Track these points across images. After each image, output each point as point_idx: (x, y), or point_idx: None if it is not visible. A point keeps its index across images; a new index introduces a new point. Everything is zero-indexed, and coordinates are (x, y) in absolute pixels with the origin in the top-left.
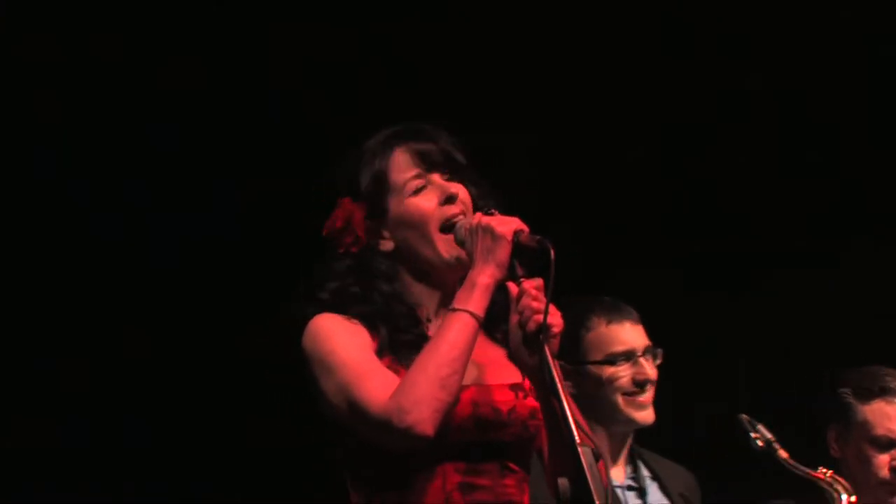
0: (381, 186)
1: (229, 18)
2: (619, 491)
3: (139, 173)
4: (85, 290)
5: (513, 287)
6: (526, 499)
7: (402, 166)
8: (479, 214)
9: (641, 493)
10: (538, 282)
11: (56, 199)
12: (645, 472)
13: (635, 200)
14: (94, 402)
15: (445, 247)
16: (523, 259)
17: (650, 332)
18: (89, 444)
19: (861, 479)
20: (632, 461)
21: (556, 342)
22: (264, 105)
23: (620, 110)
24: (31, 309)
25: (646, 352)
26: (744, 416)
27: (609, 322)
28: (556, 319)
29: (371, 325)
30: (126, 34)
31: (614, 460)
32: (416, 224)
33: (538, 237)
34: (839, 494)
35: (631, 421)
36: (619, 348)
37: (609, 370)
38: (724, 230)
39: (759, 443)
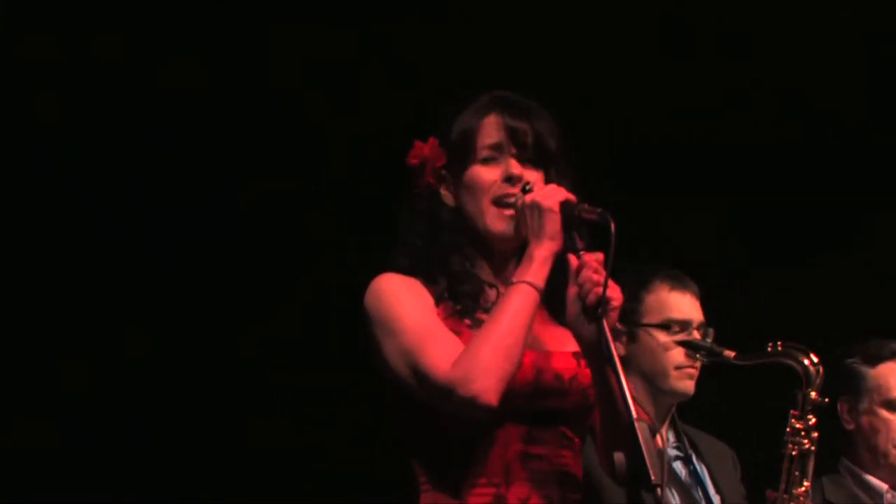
0: (465, 145)
1: (229, 18)
2: (667, 455)
3: (139, 173)
4: (85, 289)
5: (573, 259)
6: (580, 471)
7: (488, 133)
8: (520, 195)
9: (686, 460)
10: (598, 255)
11: (56, 198)
12: (686, 442)
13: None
14: (94, 402)
15: (493, 219)
16: (583, 231)
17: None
18: (89, 444)
19: (879, 447)
20: (675, 431)
21: (614, 315)
22: (264, 105)
23: (621, 110)
24: (31, 309)
25: (700, 327)
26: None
27: (672, 289)
28: (615, 293)
29: (430, 278)
30: (126, 34)
31: (661, 424)
32: (473, 190)
33: (599, 210)
34: (799, 360)
35: (675, 391)
36: (677, 316)
37: (663, 337)
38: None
39: (703, 358)
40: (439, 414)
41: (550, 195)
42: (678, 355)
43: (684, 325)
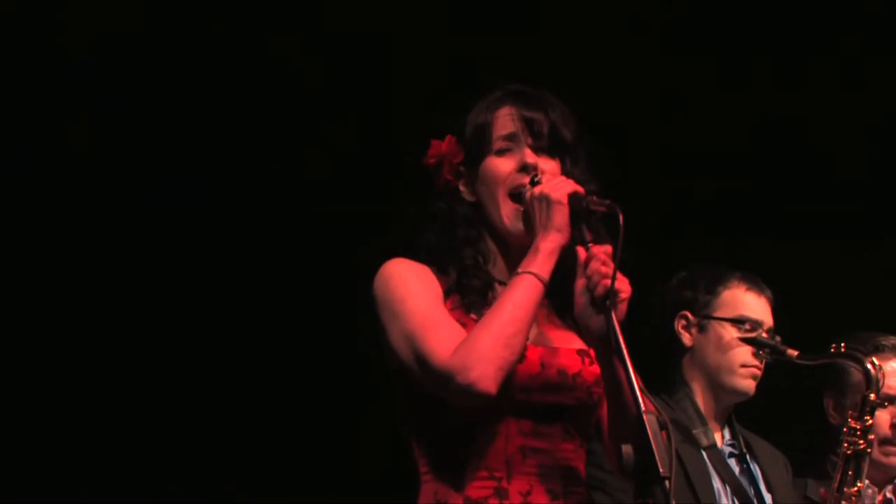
0: (480, 139)
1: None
2: (722, 454)
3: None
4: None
5: (581, 251)
6: (582, 465)
7: (502, 124)
8: (528, 187)
9: (741, 458)
10: (607, 247)
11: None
12: (742, 441)
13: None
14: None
15: (509, 213)
16: (591, 223)
17: None
18: (89, 445)
19: None
20: (731, 430)
21: (622, 308)
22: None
23: (627, 111)
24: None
25: (769, 331)
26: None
27: (749, 289)
28: (623, 285)
29: (442, 270)
30: None
31: (719, 423)
32: (489, 183)
33: (607, 202)
34: (861, 361)
35: (737, 389)
36: (751, 315)
37: (733, 332)
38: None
39: (766, 356)
40: (442, 404)
41: (559, 187)
42: (745, 353)
43: (756, 325)
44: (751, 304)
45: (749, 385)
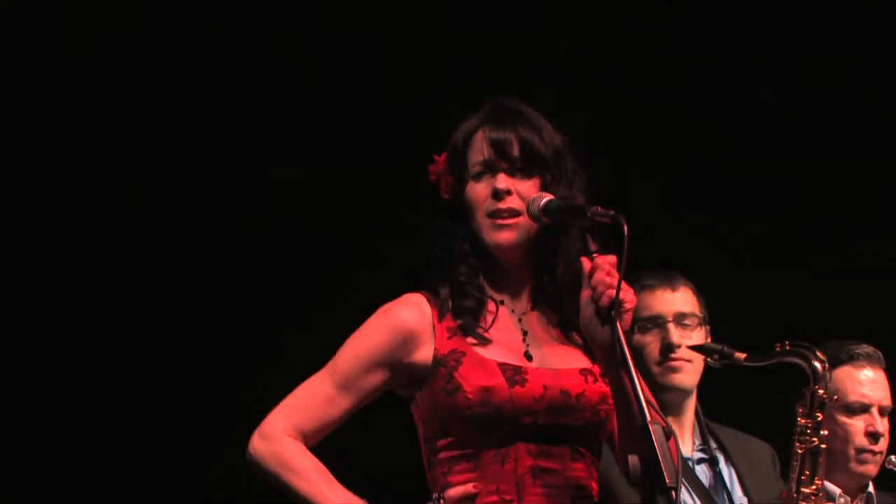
0: (459, 164)
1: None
2: (689, 464)
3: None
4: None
5: (586, 262)
6: (594, 483)
7: (477, 149)
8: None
9: (713, 462)
10: (611, 258)
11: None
12: (713, 444)
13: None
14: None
15: (488, 231)
16: (597, 235)
17: None
18: (89, 445)
19: (838, 451)
20: (700, 433)
21: (627, 318)
22: None
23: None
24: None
25: (678, 318)
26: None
27: (642, 289)
28: (628, 295)
29: (435, 291)
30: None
31: (679, 433)
32: (469, 207)
33: (612, 212)
34: (807, 358)
35: (665, 387)
36: (644, 314)
37: (638, 338)
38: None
39: (716, 362)
40: (450, 427)
41: None
42: (653, 352)
43: (655, 321)
44: (645, 303)
45: (673, 378)
